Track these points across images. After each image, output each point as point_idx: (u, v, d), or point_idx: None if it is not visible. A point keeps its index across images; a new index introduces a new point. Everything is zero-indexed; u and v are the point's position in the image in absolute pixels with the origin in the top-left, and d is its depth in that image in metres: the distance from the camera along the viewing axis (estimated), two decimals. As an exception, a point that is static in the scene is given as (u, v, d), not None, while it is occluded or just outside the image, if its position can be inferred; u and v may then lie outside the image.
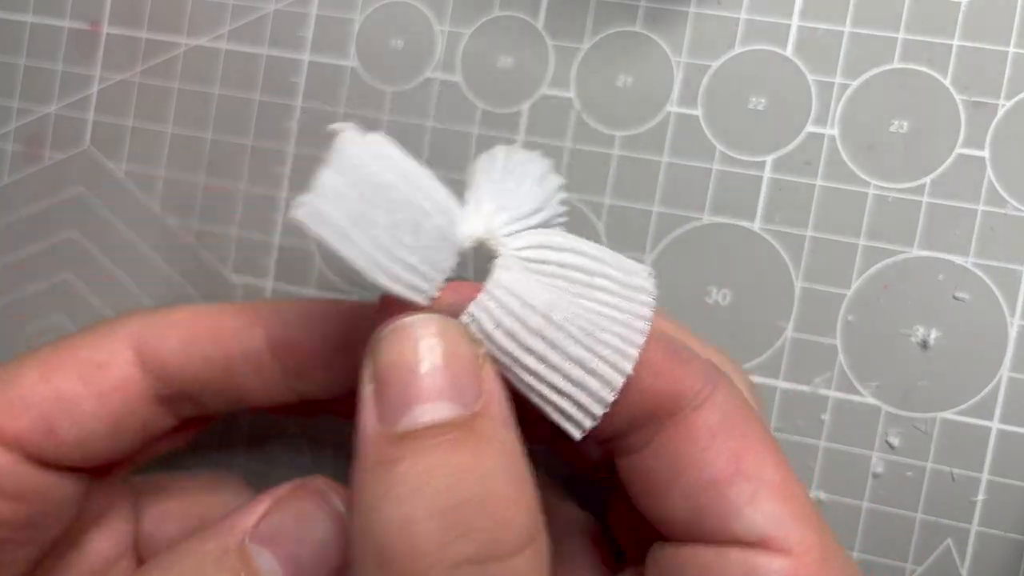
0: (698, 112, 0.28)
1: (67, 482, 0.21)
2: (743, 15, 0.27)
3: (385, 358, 0.17)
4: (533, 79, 0.29)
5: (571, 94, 0.28)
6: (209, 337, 0.21)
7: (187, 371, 0.21)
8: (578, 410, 0.18)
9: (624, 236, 0.28)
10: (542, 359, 0.17)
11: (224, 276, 0.31)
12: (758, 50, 0.27)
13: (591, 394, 0.17)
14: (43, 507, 0.20)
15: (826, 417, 0.26)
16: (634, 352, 0.17)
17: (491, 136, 0.29)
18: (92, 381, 0.20)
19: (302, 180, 0.30)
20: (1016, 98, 0.26)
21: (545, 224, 0.21)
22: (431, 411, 0.16)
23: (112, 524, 0.23)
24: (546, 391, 0.17)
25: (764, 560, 0.17)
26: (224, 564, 0.18)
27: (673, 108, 0.28)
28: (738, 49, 0.27)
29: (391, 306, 0.18)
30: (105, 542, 0.23)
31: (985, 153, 0.26)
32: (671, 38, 0.28)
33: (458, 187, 0.20)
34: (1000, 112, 0.26)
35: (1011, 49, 0.26)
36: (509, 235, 0.19)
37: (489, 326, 0.17)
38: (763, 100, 0.27)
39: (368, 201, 0.17)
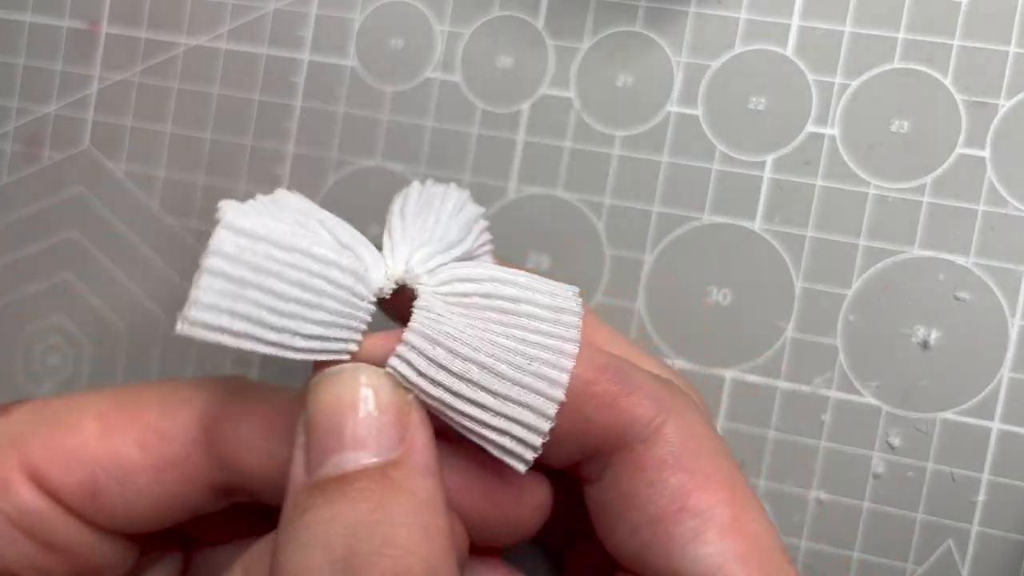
0: (698, 112, 0.28)
1: (115, 543, 0.20)
2: (743, 15, 0.27)
3: (311, 408, 0.17)
4: (533, 79, 0.29)
5: (571, 94, 0.28)
6: (284, 431, 0.18)
7: (253, 467, 0.19)
8: (517, 444, 0.17)
9: (624, 236, 0.28)
10: (471, 401, 0.17)
11: (224, 276, 0.30)
12: (758, 50, 0.27)
13: (527, 426, 0.17)
14: (89, 562, 0.19)
15: (826, 417, 0.26)
16: (564, 378, 0.17)
17: (491, 136, 0.29)
18: (150, 451, 0.18)
19: (301, 180, 0.30)
20: (1016, 98, 0.26)
21: (469, 255, 0.20)
22: (347, 461, 0.16)
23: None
24: (482, 430, 0.17)
25: None
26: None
27: (673, 108, 0.28)
28: (738, 49, 0.27)
29: (319, 361, 0.18)
30: None
31: (986, 153, 0.26)
32: (671, 38, 0.28)
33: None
34: (1000, 112, 0.26)
35: (1011, 49, 0.26)
36: (429, 272, 0.19)
37: (412, 375, 0.17)
38: (763, 100, 0.27)
39: (256, 286, 0.17)
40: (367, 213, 0.29)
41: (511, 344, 0.17)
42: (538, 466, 0.18)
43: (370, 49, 0.30)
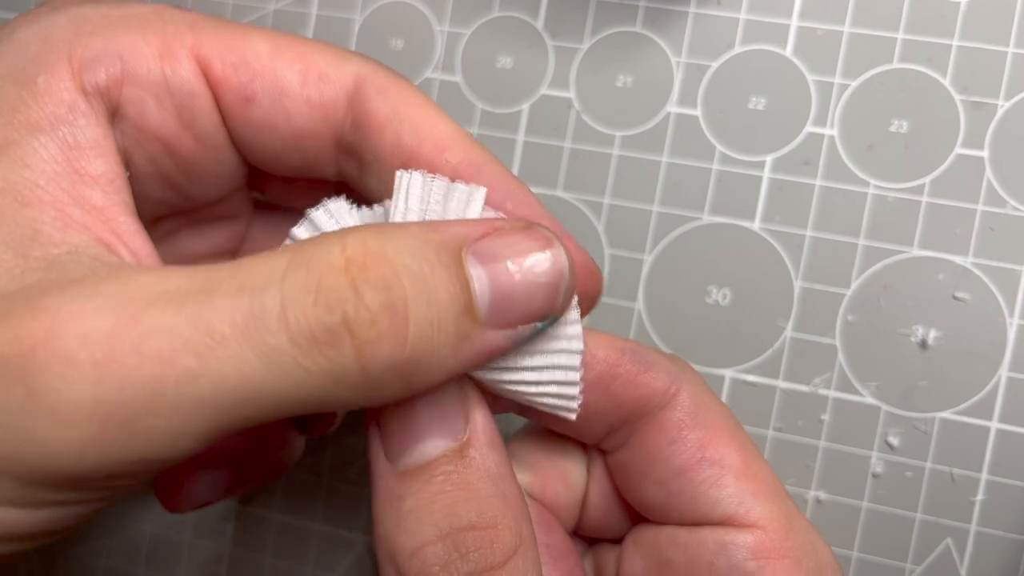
0: (698, 112, 0.28)
1: (234, 161, 0.21)
2: (743, 15, 0.27)
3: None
4: (533, 79, 0.29)
5: (571, 94, 0.28)
6: (414, 126, 0.20)
7: (381, 137, 0.21)
8: (561, 399, 0.19)
9: (624, 236, 0.28)
10: (517, 379, 0.19)
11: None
12: (758, 50, 0.27)
13: (565, 383, 0.19)
14: (208, 163, 0.21)
15: (826, 417, 0.26)
16: (579, 344, 0.19)
17: (491, 136, 0.29)
18: (309, 86, 0.21)
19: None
20: (1015, 98, 0.26)
21: None
22: (428, 448, 0.18)
23: (233, 225, 0.24)
24: (532, 396, 0.19)
25: (732, 536, 0.20)
26: (442, 259, 0.17)
27: (673, 108, 0.28)
28: (738, 49, 0.27)
29: None
30: (224, 231, 0.24)
31: (984, 153, 0.26)
32: (671, 38, 0.28)
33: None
34: (999, 112, 0.26)
35: (1010, 49, 0.26)
36: None
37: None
38: (763, 100, 0.27)
39: None
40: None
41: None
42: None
43: (370, 49, 0.30)
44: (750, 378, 0.27)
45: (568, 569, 0.21)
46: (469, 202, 0.19)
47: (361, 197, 0.21)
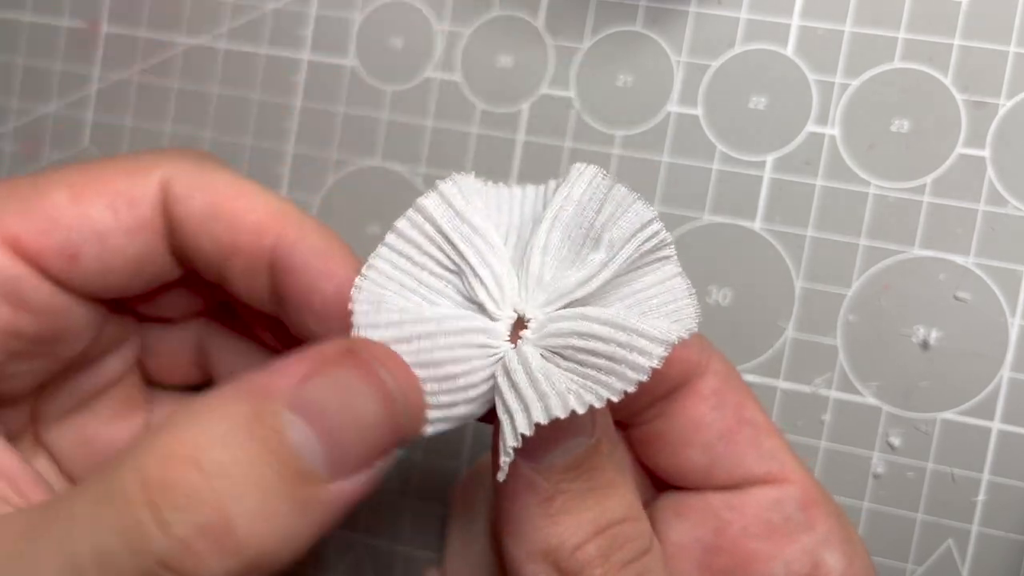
0: (698, 112, 0.28)
1: (85, 308, 0.21)
2: (743, 15, 0.27)
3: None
4: (533, 79, 0.29)
5: (571, 94, 0.28)
6: (228, 219, 0.20)
7: (197, 243, 0.20)
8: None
9: (624, 236, 0.28)
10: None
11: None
12: (758, 50, 0.27)
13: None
14: (59, 326, 0.20)
15: (826, 417, 0.26)
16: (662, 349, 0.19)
17: (491, 136, 0.29)
18: (122, 216, 0.20)
19: (301, 180, 0.30)
20: (1016, 98, 0.26)
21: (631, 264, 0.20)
22: (570, 447, 0.18)
23: (120, 350, 0.23)
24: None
25: (780, 491, 0.21)
26: (255, 433, 0.15)
27: (673, 108, 0.28)
28: (738, 49, 0.27)
29: None
30: (114, 362, 0.23)
31: (986, 153, 0.26)
32: (671, 38, 0.28)
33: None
34: (1000, 112, 0.26)
35: (1011, 49, 0.26)
36: (541, 320, 0.18)
37: None
38: (763, 100, 0.27)
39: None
40: (367, 213, 0.29)
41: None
42: None
43: (370, 49, 0.30)
44: (751, 378, 0.27)
45: None
46: (623, 209, 0.19)
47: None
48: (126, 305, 0.23)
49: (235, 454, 0.15)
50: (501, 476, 0.17)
